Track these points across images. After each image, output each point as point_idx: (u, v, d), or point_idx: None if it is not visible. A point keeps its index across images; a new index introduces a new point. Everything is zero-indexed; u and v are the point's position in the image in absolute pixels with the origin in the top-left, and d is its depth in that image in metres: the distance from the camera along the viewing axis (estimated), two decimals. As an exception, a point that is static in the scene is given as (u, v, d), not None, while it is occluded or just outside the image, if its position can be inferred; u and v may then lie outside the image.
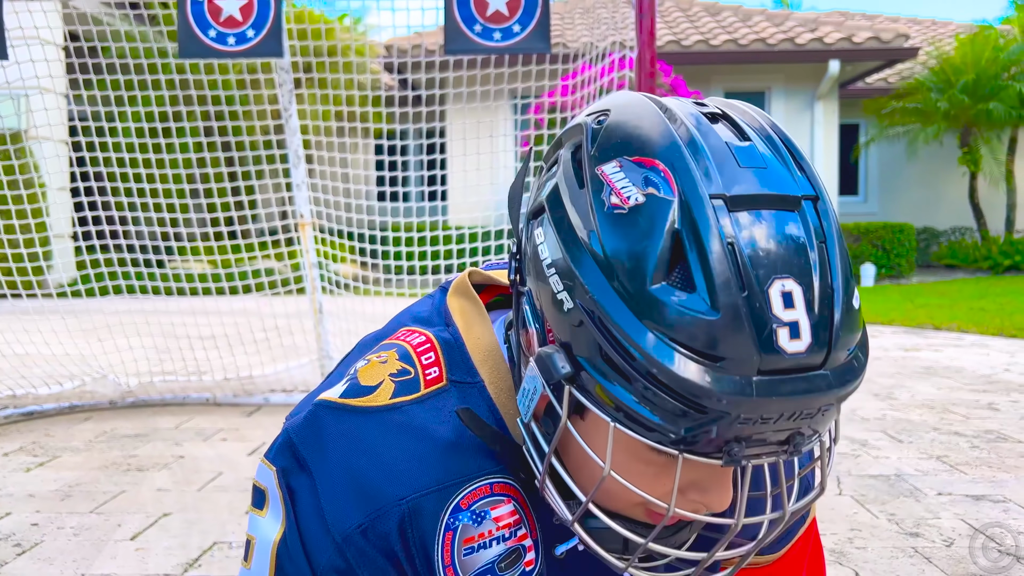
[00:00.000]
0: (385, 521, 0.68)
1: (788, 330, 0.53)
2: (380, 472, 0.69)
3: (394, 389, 0.72)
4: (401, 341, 0.77)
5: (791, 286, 0.54)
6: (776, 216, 0.55)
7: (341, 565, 0.69)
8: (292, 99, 3.27)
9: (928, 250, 14.32)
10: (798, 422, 0.55)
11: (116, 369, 3.86)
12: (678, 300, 0.54)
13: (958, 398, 3.97)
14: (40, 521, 2.33)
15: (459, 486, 0.70)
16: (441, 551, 0.69)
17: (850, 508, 2.41)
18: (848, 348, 0.56)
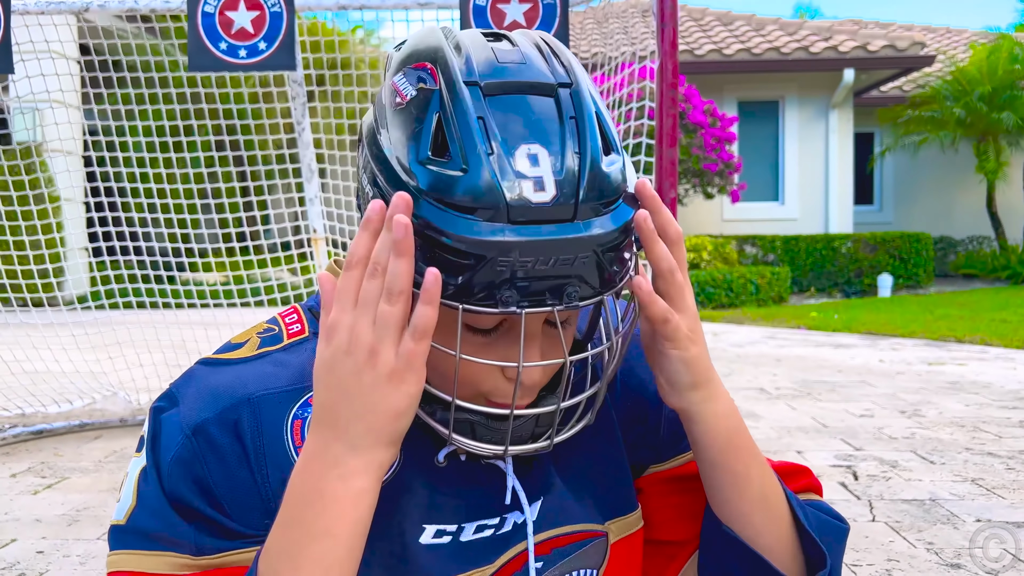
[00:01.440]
0: (234, 412, 0.74)
1: (533, 183, 0.62)
2: (232, 378, 0.76)
3: (259, 343, 0.80)
4: (275, 315, 0.86)
5: (537, 150, 0.63)
6: (528, 98, 0.65)
7: (185, 455, 0.73)
8: (305, 112, 3.21)
9: (945, 260, 14.16)
10: (558, 268, 0.63)
11: (126, 385, 3.80)
12: (437, 167, 0.63)
13: (988, 415, 3.86)
14: (46, 548, 2.26)
15: (309, 388, 0.75)
16: (291, 437, 0.74)
17: (885, 536, 2.31)
18: (600, 204, 0.64)
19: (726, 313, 9.01)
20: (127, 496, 0.76)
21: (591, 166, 0.64)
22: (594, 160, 0.64)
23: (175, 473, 0.73)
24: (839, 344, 6.53)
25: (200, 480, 0.73)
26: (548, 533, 0.81)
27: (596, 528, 0.83)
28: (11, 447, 3.41)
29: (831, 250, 11.53)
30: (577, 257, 0.63)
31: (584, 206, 0.63)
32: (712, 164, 10.45)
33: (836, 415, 3.89)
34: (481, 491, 0.79)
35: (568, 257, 0.63)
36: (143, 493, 0.75)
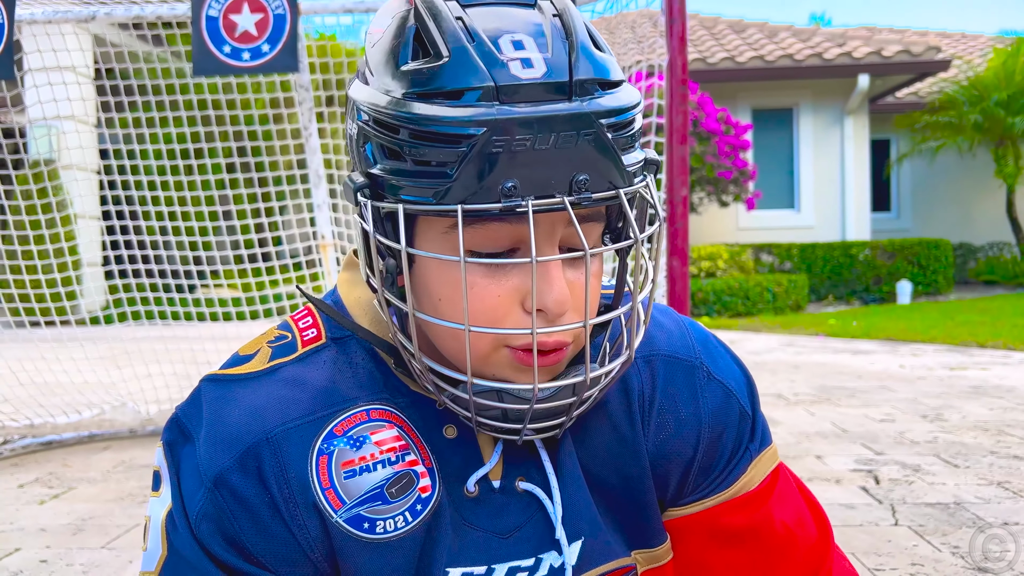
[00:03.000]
0: (254, 457, 0.67)
1: (520, 63, 0.58)
2: (247, 415, 0.69)
3: (271, 353, 0.73)
4: (286, 318, 0.79)
5: (521, 36, 0.60)
6: (508, 8, 0.63)
7: (211, 511, 0.67)
8: (312, 118, 3.20)
9: (965, 266, 13.97)
10: (561, 149, 0.57)
11: (136, 397, 3.78)
12: (419, 65, 0.60)
13: (1013, 419, 3.76)
14: (49, 557, 2.23)
15: (331, 416, 0.69)
16: (317, 476, 0.68)
17: (909, 540, 2.23)
18: (596, 81, 0.60)
19: (743, 321, 8.92)
20: (155, 545, 0.71)
21: (581, 48, 0.60)
22: (583, 43, 0.61)
23: (205, 530, 0.68)
24: (858, 350, 6.43)
25: (233, 539, 0.68)
26: (589, 574, 0.74)
27: (627, 562, 0.77)
28: (20, 458, 3.39)
29: (848, 257, 11.42)
30: (580, 134, 0.58)
31: (579, 84, 0.59)
32: (727, 172, 10.38)
33: (856, 420, 3.80)
34: (515, 526, 0.72)
35: (570, 134, 0.58)
36: (174, 542, 0.69)
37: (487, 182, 0.58)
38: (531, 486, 0.72)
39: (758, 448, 0.80)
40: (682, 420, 0.77)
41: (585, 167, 0.59)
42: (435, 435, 0.72)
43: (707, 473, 0.78)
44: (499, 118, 0.57)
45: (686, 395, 0.77)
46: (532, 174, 0.58)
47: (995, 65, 12.51)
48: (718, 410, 0.78)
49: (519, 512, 0.72)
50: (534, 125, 0.57)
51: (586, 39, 0.62)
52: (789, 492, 0.82)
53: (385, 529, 0.69)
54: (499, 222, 0.61)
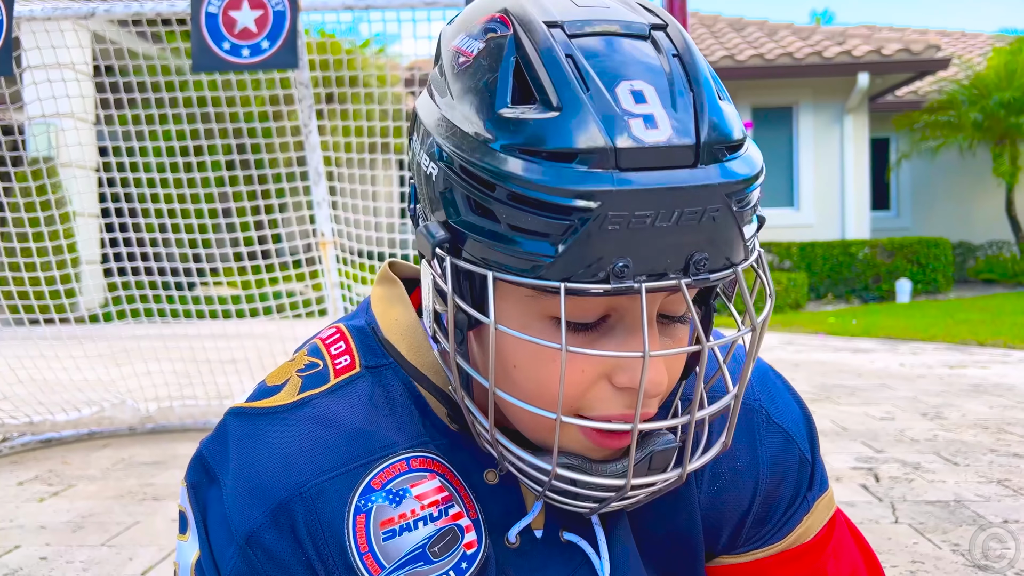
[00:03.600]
0: (287, 513, 0.62)
1: (642, 120, 0.50)
2: (278, 463, 0.63)
3: (301, 384, 0.67)
4: (314, 339, 0.72)
5: (641, 85, 0.52)
6: (620, 39, 0.54)
7: (244, 569, 0.62)
8: (312, 115, 3.19)
9: (965, 265, 13.97)
10: (683, 226, 0.50)
11: (135, 395, 3.78)
12: (522, 112, 0.52)
13: (1013, 417, 3.75)
14: (49, 555, 2.23)
15: (369, 465, 0.63)
16: (354, 538, 0.62)
17: (909, 538, 2.23)
18: (724, 144, 0.52)
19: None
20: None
21: (708, 101, 0.52)
22: (710, 96, 0.53)
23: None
24: (858, 349, 6.42)
25: None
26: None
27: None
28: (19, 455, 3.39)
29: (848, 256, 11.41)
30: (706, 210, 0.50)
31: (707, 148, 0.51)
32: (726, 170, 10.38)
33: (856, 418, 3.80)
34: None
35: (695, 210, 0.50)
36: None
37: (596, 259, 0.50)
38: (576, 537, 0.67)
39: (816, 495, 0.76)
40: (739, 471, 0.72)
41: (706, 246, 0.52)
42: (476, 480, 0.66)
43: (763, 524, 0.74)
44: (618, 189, 0.49)
45: (744, 443, 0.72)
46: (647, 252, 0.51)
47: (995, 64, 12.50)
48: (777, 458, 0.73)
49: (562, 564, 0.67)
50: (656, 199, 0.49)
51: (711, 88, 0.54)
52: (845, 543, 0.79)
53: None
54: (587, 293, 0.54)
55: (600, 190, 0.49)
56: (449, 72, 0.58)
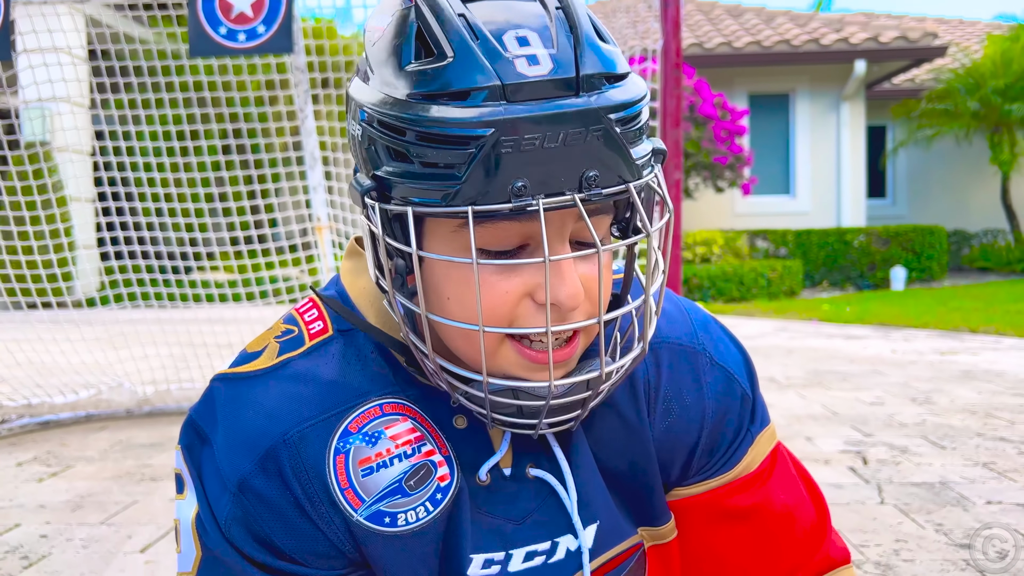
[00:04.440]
0: (274, 460, 0.69)
1: (525, 60, 0.58)
2: (262, 417, 0.70)
3: (279, 349, 0.74)
4: (290, 310, 0.79)
5: (526, 32, 0.59)
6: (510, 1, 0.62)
7: (239, 514, 0.69)
8: (308, 100, 3.21)
9: (959, 253, 14.02)
10: (570, 146, 0.57)
11: (132, 378, 3.81)
12: (422, 65, 0.59)
13: (1001, 403, 3.80)
14: (49, 533, 2.26)
15: (345, 412, 0.70)
16: (335, 476, 0.69)
17: (894, 518, 2.28)
18: (602, 75, 0.59)
19: (737, 306, 8.96)
20: (189, 547, 0.72)
21: (587, 40, 0.60)
22: (588, 36, 0.60)
23: (236, 533, 0.69)
24: (851, 335, 6.47)
25: (264, 539, 0.69)
26: (602, 558, 0.75)
27: (636, 541, 0.79)
28: (18, 437, 3.42)
29: (843, 244, 11.45)
30: (589, 131, 0.57)
31: (586, 79, 0.58)
32: (722, 157, 10.39)
33: (847, 403, 3.85)
34: (528, 512, 0.74)
35: (578, 131, 0.57)
36: (208, 544, 0.70)
37: (497, 182, 0.57)
38: (542, 473, 0.73)
39: (758, 429, 0.83)
40: (686, 406, 0.79)
41: (595, 163, 0.58)
42: (446, 425, 0.73)
43: (711, 455, 0.80)
44: (507, 117, 0.56)
45: (690, 382, 0.79)
46: (541, 173, 0.57)
47: (992, 52, 12.50)
48: (721, 395, 0.80)
49: (531, 498, 0.73)
50: (543, 123, 0.56)
51: (591, 31, 0.61)
52: (788, 473, 0.85)
53: (407, 521, 0.70)
54: (508, 220, 0.60)
55: (492, 120, 0.56)
56: (368, 50, 0.66)
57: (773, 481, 0.82)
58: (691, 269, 9.60)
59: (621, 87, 0.60)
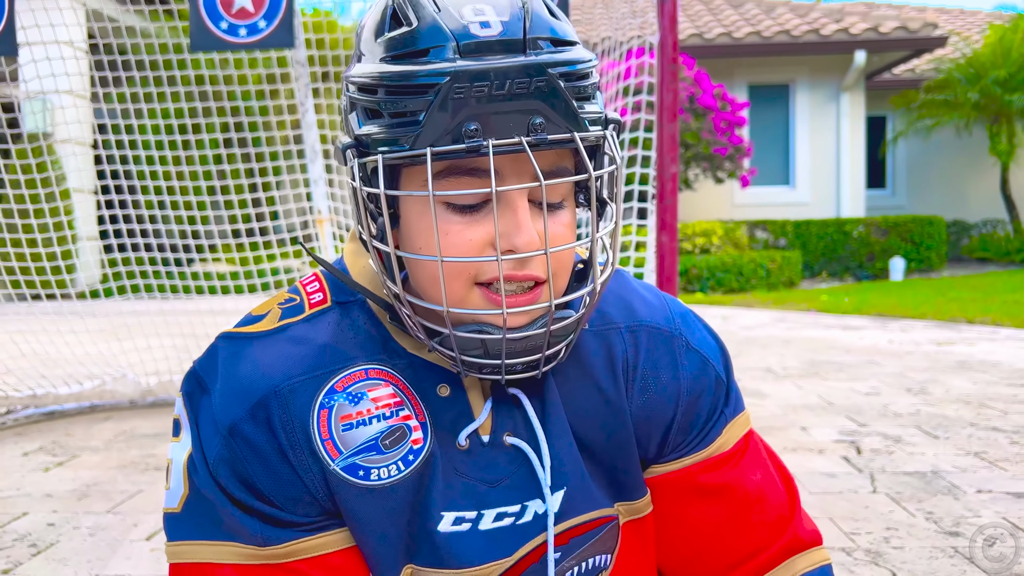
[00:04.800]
0: (264, 409, 0.75)
1: (479, 24, 0.66)
2: (258, 371, 0.76)
3: (281, 314, 0.81)
4: (296, 283, 0.86)
5: (482, 6, 0.68)
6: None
7: (227, 455, 0.75)
8: (309, 93, 3.23)
9: (959, 243, 14.04)
10: (516, 95, 0.64)
11: (136, 369, 3.85)
12: (392, 32, 0.68)
13: (995, 393, 3.84)
14: (56, 521, 2.31)
15: (333, 372, 0.77)
16: (317, 426, 0.75)
17: (885, 506, 2.32)
18: (547, 38, 0.67)
19: (736, 297, 9.00)
20: (177, 484, 0.78)
21: (535, 12, 0.68)
22: (537, 10, 0.69)
23: (222, 472, 0.75)
24: (848, 326, 6.51)
25: (246, 480, 0.75)
26: (568, 523, 0.80)
27: (609, 512, 0.83)
28: (23, 427, 3.47)
29: (843, 234, 11.48)
30: (533, 82, 0.65)
31: (532, 41, 0.66)
32: (722, 148, 10.40)
33: (842, 393, 3.89)
34: (502, 476, 0.79)
35: (523, 80, 0.64)
36: (195, 483, 0.77)
37: (451, 126, 0.65)
38: (517, 441, 0.79)
39: (732, 413, 0.87)
40: (663, 384, 0.83)
41: (540, 111, 0.65)
42: (430, 394, 0.78)
43: (686, 433, 0.85)
44: (459, 69, 0.64)
45: (667, 362, 0.84)
46: (492, 119, 0.65)
47: (992, 42, 12.49)
48: (696, 376, 0.85)
49: (506, 464, 0.79)
50: (491, 74, 0.64)
51: (541, 7, 0.70)
52: (760, 456, 0.89)
53: (379, 476, 0.76)
54: (470, 176, 0.67)
55: (447, 70, 0.64)
56: (356, 40, 0.74)
57: (745, 462, 0.86)
58: (691, 260, 9.63)
59: (566, 50, 0.68)
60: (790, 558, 0.85)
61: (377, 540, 0.77)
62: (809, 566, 0.86)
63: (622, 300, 0.85)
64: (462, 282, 0.70)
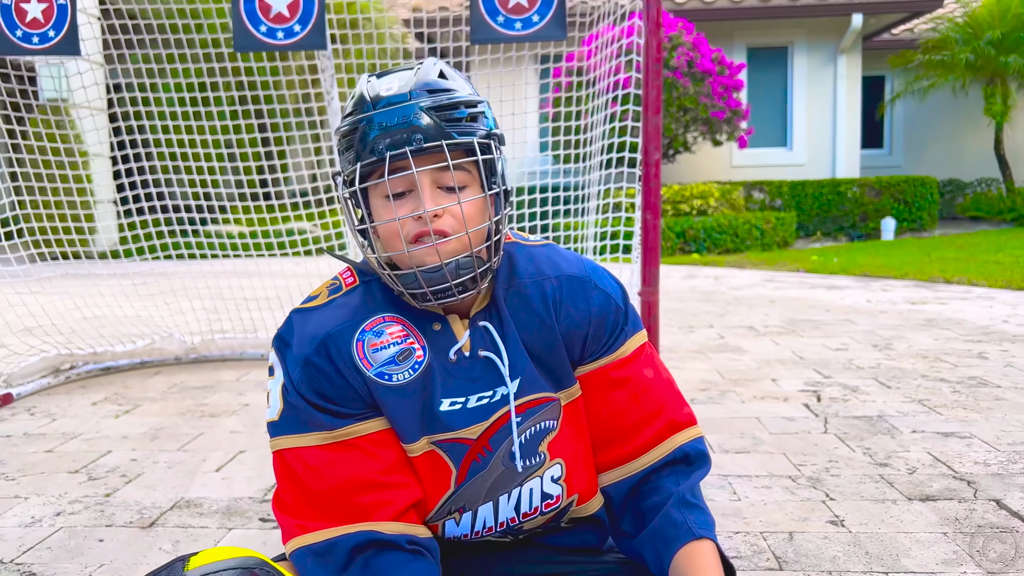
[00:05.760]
0: (323, 346, 1.20)
1: (384, 89, 1.13)
2: (318, 325, 1.22)
3: (328, 292, 1.26)
4: (336, 274, 1.32)
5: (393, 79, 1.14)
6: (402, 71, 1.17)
7: (305, 378, 1.19)
8: (333, 83, 3.59)
9: (954, 202, 14.34)
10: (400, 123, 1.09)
11: (181, 329, 4.28)
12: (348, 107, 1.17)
13: (952, 348, 4.26)
14: (137, 457, 2.76)
15: (364, 320, 1.22)
16: (356, 352, 1.20)
17: (832, 444, 2.75)
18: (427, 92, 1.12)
19: (730, 258, 9.38)
20: (276, 403, 1.22)
21: (423, 77, 1.14)
22: (425, 75, 1.14)
23: (303, 389, 1.20)
24: (833, 286, 6.91)
25: (318, 391, 1.20)
26: (523, 399, 1.25)
27: (551, 394, 1.28)
28: (85, 381, 3.92)
29: (837, 195, 11.80)
30: (412, 114, 1.09)
31: (416, 92, 1.11)
32: (720, 112, 10.69)
33: (814, 349, 4.31)
34: (480, 375, 1.24)
35: (406, 115, 1.09)
36: (287, 400, 1.20)
37: (371, 147, 1.10)
38: (488, 352, 1.23)
39: (632, 331, 1.29)
40: (579, 311, 1.26)
41: (420, 132, 1.09)
42: (428, 329, 1.22)
43: (597, 343, 1.27)
44: (371, 113, 1.10)
45: (581, 297, 1.26)
46: (391, 140, 1.09)
47: (989, 2, 12.63)
48: (601, 305, 1.27)
49: (481, 368, 1.23)
50: (388, 112, 1.09)
51: (430, 74, 1.14)
52: (651, 360, 1.31)
53: (398, 379, 1.20)
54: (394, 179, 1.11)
55: (364, 114, 1.12)
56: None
57: (639, 363, 1.30)
58: (688, 221, 9.98)
59: (438, 96, 1.12)
60: (671, 436, 1.29)
61: (400, 420, 1.20)
62: (685, 439, 1.29)
63: (551, 261, 1.28)
64: (398, 241, 1.13)
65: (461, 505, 1.25)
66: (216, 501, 2.33)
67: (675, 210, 10.46)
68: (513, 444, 1.23)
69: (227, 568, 1.09)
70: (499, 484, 1.25)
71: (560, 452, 1.27)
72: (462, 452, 1.23)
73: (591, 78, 4.23)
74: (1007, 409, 3.11)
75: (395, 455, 1.21)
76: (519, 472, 1.25)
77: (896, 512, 2.15)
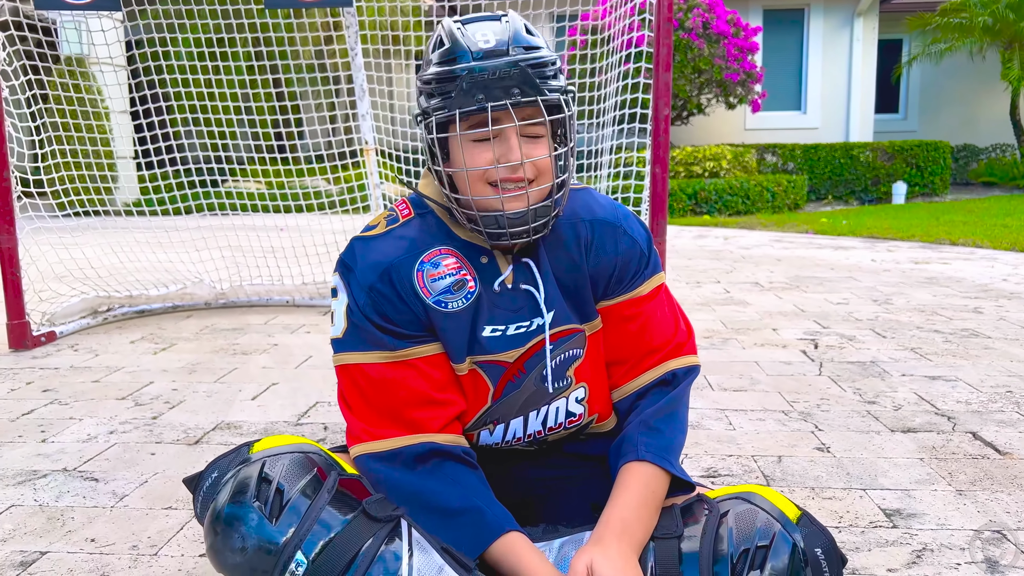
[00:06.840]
0: (387, 274, 1.30)
1: (482, 40, 1.21)
2: (380, 255, 1.31)
3: (386, 222, 1.37)
4: (392, 205, 1.44)
5: (486, 30, 1.23)
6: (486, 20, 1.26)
7: (370, 302, 1.30)
8: (357, 39, 3.74)
9: (967, 167, 14.32)
10: (500, 74, 1.17)
11: (212, 275, 4.49)
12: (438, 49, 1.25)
13: (949, 303, 4.42)
14: (178, 387, 2.98)
15: (422, 252, 1.32)
16: (417, 281, 1.30)
17: (824, 385, 2.94)
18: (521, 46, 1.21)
19: (741, 219, 9.49)
20: (340, 322, 1.33)
21: (515, 32, 1.23)
22: (517, 31, 1.24)
23: (369, 311, 1.30)
24: (839, 246, 7.04)
25: (382, 314, 1.30)
26: (556, 329, 1.40)
27: (578, 326, 1.43)
28: (121, 323, 4.14)
29: (850, 158, 11.84)
30: (513, 69, 1.18)
31: (513, 48, 1.20)
32: (734, 74, 10.72)
33: (815, 303, 4.48)
34: (520, 306, 1.38)
35: (505, 68, 1.18)
36: (351, 321, 1.31)
37: (469, 96, 1.18)
38: (528, 286, 1.35)
39: (650, 273, 1.41)
40: (607, 253, 1.37)
41: (516, 86, 1.18)
42: (476, 262, 1.33)
43: (620, 282, 1.39)
44: (471, 64, 1.18)
45: (610, 241, 1.37)
46: (491, 91, 1.17)
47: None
48: (628, 249, 1.38)
49: (522, 299, 1.34)
50: (487, 67, 1.17)
51: (520, 29, 1.23)
52: (667, 300, 1.44)
53: (453, 307, 1.31)
54: (484, 127, 1.20)
55: (465, 64, 1.19)
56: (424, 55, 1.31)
57: (655, 303, 1.45)
58: (700, 183, 10.09)
59: (533, 53, 1.21)
60: (670, 359, 1.45)
61: (452, 342, 1.32)
62: (679, 365, 1.44)
63: (587, 204, 1.40)
64: (482, 184, 1.23)
65: (496, 418, 1.39)
66: (254, 424, 2.54)
67: (687, 172, 10.56)
68: (545, 368, 1.37)
69: (287, 451, 1.26)
70: (530, 402, 1.39)
71: (584, 377, 1.42)
72: (499, 373, 1.36)
73: (606, 36, 4.35)
74: (994, 357, 3.28)
75: (446, 375, 1.34)
76: (549, 392, 1.39)
77: (879, 441, 2.34)
